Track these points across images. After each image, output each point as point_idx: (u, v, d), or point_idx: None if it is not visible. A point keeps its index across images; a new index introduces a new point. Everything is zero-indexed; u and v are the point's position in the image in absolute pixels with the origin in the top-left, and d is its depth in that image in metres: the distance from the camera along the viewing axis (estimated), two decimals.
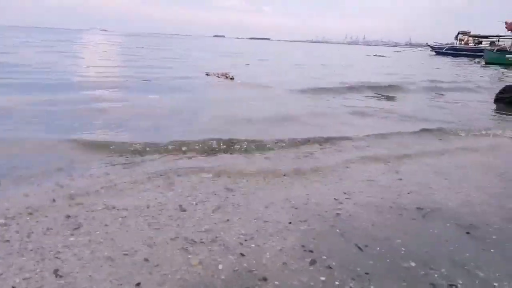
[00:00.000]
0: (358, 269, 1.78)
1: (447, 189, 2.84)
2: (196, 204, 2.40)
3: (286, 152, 3.55)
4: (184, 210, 2.31)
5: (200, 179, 2.81)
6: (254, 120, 4.78)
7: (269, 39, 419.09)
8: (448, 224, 2.26)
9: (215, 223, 2.18)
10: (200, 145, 3.52)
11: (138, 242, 1.94)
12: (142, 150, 3.33)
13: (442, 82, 8.38)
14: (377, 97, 6.63)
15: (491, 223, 2.30)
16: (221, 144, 3.59)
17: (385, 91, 7.20)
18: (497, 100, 4.92)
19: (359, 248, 1.99)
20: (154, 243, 1.94)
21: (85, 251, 1.84)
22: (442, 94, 7.17)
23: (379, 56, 21.71)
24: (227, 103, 5.61)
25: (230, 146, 3.58)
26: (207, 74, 7.38)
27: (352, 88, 7.29)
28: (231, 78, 7.27)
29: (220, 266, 1.75)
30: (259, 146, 3.61)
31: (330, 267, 1.79)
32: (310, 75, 8.98)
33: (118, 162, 3.08)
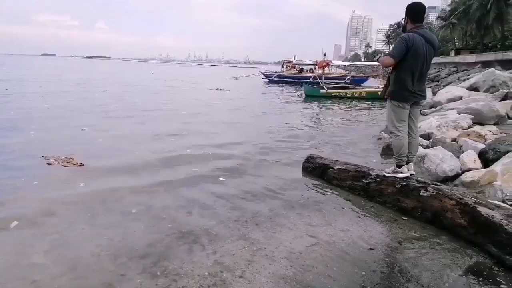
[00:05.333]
0: None
1: None
2: None
3: None
4: None
5: None
6: None
7: (109, 58, 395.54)
8: None
9: None
10: None
11: None
12: None
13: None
14: None
15: None
16: None
17: None
18: (303, 168, 4.81)
19: None
20: None
21: None
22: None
23: (221, 90, 21.22)
24: None
25: None
26: (48, 164, 4.79)
27: None
28: (79, 165, 4.97)
29: None
30: None
31: None
32: None
33: None
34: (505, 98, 9.43)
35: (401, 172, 3.82)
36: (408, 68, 3.60)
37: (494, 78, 11.64)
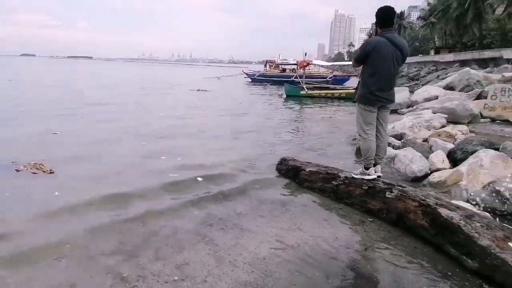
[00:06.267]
0: None
1: None
2: None
3: None
4: None
5: None
6: None
7: (91, 58, 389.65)
8: None
9: None
10: None
11: None
12: None
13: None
14: None
15: None
16: None
17: None
18: (277, 170, 4.87)
19: None
20: None
21: None
22: None
23: (203, 90, 21.15)
24: None
25: None
26: (17, 170, 4.64)
27: None
28: (49, 172, 4.83)
29: None
30: None
31: None
32: None
33: None
34: (479, 97, 9.64)
35: (369, 174, 3.86)
36: (373, 72, 3.63)
37: (469, 77, 11.87)
